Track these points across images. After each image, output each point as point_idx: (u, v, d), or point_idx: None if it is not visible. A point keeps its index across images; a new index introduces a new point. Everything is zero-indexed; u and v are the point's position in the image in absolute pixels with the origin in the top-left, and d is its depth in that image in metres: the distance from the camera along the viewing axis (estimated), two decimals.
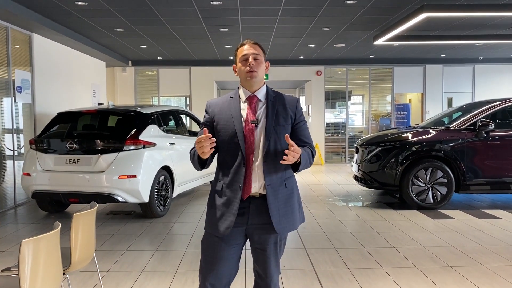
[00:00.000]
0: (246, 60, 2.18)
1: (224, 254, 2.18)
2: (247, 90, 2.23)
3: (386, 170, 6.63)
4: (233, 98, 2.25)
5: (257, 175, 2.14)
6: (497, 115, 6.73)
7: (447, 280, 3.68)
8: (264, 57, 2.25)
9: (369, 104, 13.99)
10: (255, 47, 2.20)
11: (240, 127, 2.14)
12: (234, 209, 2.14)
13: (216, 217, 2.19)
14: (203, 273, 2.21)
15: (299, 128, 2.25)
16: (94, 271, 3.92)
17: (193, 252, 4.56)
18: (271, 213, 2.14)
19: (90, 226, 2.87)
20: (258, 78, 2.19)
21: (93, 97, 10.52)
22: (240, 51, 2.21)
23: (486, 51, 11.90)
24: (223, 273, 2.19)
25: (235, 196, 2.14)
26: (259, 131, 2.15)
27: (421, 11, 6.45)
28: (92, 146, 5.72)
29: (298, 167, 2.13)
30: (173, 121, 7.32)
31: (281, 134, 2.16)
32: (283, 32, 8.93)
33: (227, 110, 2.20)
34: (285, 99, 2.26)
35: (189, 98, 13.79)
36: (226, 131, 2.17)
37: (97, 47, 9.95)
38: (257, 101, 2.22)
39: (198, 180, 7.50)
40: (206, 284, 2.19)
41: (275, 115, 2.18)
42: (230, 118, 2.17)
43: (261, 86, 2.24)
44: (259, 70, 2.19)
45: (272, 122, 2.16)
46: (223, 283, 2.21)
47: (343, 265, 4.11)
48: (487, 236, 5.04)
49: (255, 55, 2.18)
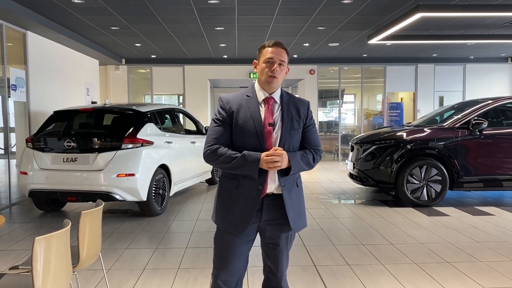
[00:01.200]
0: (271, 63, 2.18)
1: (238, 251, 2.21)
2: (264, 91, 2.25)
3: (382, 168, 6.70)
4: (251, 97, 2.24)
5: (274, 176, 2.18)
6: (490, 113, 6.84)
7: (446, 276, 3.76)
8: (288, 61, 2.27)
9: (361, 103, 14.10)
10: (282, 53, 2.20)
11: (260, 129, 2.15)
12: (254, 208, 2.16)
13: (233, 215, 2.20)
14: (216, 270, 2.24)
15: (308, 132, 2.29)
16: (96, 269, 3.93)
17: (193, 250, 4.58)
18: (288, 213, 2.19)
19: (97, 224, 2.89)
20: (278, 83, 2.22)
21: (86, 96, 10.47)
22: (266, 51, 2.21)
23: (477, 50, 12.07)
24: (235, 269, 2.23)
25: (256, 196, 2.16)
26: (275, 134, 2.18)
27: (416, 11, 6.54)
28: (90, 144, 5.71)
29: (289, 171, 2.16)
30: (170, 119, 7.33)
31: (294, 137, 2.22)
32: (279, 31, 8.98)
33: (246, 109, 2.20)
34: (298, 102, 2.29)
35: (183, 97, 13.78)
36: (246, 131, 2.16)
37: (91, 45, 9.91)
38: (274, 103, 2.24)
39: (194, 178, 7.52)
40: (218, 282, 2.22)
41: (290, 118, 2.21)
42: (250, 119, 2.17)
43: (278, 89, 2.27)
44: (280, 76, 2.21)
45: (288, 126, 2.19)
46: (235, 279, 2.24)
47: (343, 261, 4.17)
48: (481, 232, 5.14)
49: (281, 61, 2.19)
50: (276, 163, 2.06)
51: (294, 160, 2.14)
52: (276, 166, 2.07)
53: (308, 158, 2.23)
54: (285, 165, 2.11)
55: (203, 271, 3.94)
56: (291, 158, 2.12)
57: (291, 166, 2.13)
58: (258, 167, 2.09)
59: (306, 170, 2.24)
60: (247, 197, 2.17)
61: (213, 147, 2.18)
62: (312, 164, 2.25)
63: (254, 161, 2.08)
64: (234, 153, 2.13)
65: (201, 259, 4.28)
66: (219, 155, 2.15)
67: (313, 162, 2.25)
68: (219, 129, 2.21)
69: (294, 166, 2.14)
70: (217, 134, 2.20)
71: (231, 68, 13.57)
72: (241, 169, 2.12)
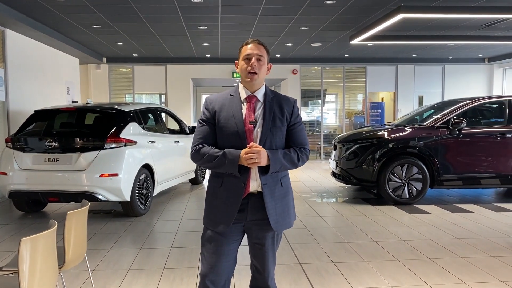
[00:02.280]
0: (249, 59, 2.20)
1: (225, 250, 2.22)
2: (247, 90, 2.26)
3: (364, 166, 6.80)
4: (234, 96, 2.26)
5: (255, 175, 2.19)
6: (468, 113, 7.01)
7: (428, 272, 3.84)
8: (268, 58, 2.28)
9: (343, 103, 14.25)
10: (259, 48, 2.22)
11: (241, 126, 2.17)
12: (236, 206, 2.18)
13: (217, 214, 2.22)
14: (204, 270, 2.25)
15: (294, 130, 2.28)
16: (81, 270, 3.89)
17: (178, 250, 4.57)
18: (268, 212, 2.20)
19: (83, 224, 2.86)
20: (259, 79, 2.22)
21: (67, 95, 10.31)
22: (244, 49, 2.23)
23: (456, 51, 12.33)
24: (223, 269, 2.24)
25: (238, 194, 2.18)
26: (256, 132, 2.19)
27: (397, 12, 6.65)
28: (72, 144, 5.63)
29: (268, 170, 2.15)
30: (153, 118, 7.28)
31: (277, 135, 2.22)
32: (262, 31, 9.00)
33: (229, 108, 2.22)
34: (282, 100, 2.29)
35: (165, 96, 13.69)
36: (228, 130, 2.18)
37: (71, 44, 9.76)
38: (256, 101, 2.25)
39: (178, 178, 7.49)
40: (206, 281, 2.23)
41: (272, 116, 2.21)
42: (232, 117, 2.19)
43: (261, 87, 2.28)
44: (260, 71, 2.21)
45: (269, 124, 2.19)
46: (223, 279, 2.25)
47: (327, 259, 4.22)
48: (461, 229, 5.27)
49: (259, 56, 2.20)
50: (254, 160, 2.07)
51: (274, 158, 2.14)
52: (254, 163, 2.08)
53: (291, 157, 2.21)
54: (264, 162, 2.11)
55: (188, 270, 3.94)
56: (271, 155, 2.12)
57: (270, 164, 2.13)
58: (238, 164, 2.11)
59: (290, 169, 2.24)
60: (230, 195, 2.19)
61: (197, 147, 2.21)
62: (297, 163, 2.24)
63: (234, 158, 2.10)
64: (216, 151, 2.16)
65: (186, 259, 4.28)
66: (202, 154, 2.18)
67: (297, 161, 2.23)
68: (203, 129, 2.23)
69: (274, 163, 2.14)
70: (201, 134, 2.23)
71: (214, 67, 13.54)
72: (222, 167, 2.14)
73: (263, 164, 2.12)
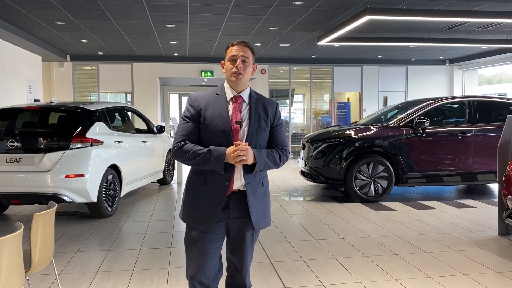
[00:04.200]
0: (234, 60, 2.21)
1: (210, 249, 2.23)
2: (233, 90, 2.27)
3: (331, 165, 6.91)
4: (220, 95, 2.27)
5: (239, 174, 2.21)
6: (431, 113, 7.25)
7: (395, 267, 3.96)
8: (253, 59, 2.29)
9: (310, 102, 14.44)
10: (245, 50, 2.23)
11: (228, 126, 2.18)
12: (220, 204, 2.19)
13: (201, 212, 2.22)
14: (191, 270, 2.25)
15: (275, 132, 2.33)
16: (47, 274, 3.77)
17: (148, 251, 4.51)
18: (251, 211, 2.23)
19: (50, 226, 2.78)
20: (244, 80, 2.24)
21: (29, 93, 9.97)
22: (230, 50, 2.24)
23: (419, 53, 12.72)
24: (210, 268, 2.24)
25: (223, 192, 2.19)
26: (242, 132, 2.21)
27: (364, 13, 6.81)
28: (36, 144, 5.45)
29: (254, 168, 2.19)
30: (120, 118, 7.15)
31: (261, 136, 2.25)
32: (231, 30, 9.00)
33: (215, 106, 2.22)
34: (266, 102, 2.33)
35: (131, 95, 13.46)
36: (213, 128, 2.18)
37: (33, 41, 9.45)
38: (242, 102, 2.27)
39: (146, 178, 7.37)
40: (194, 282, 2.24)
41: (257, 117, 2.24)
42: (218, 116, 2.19)
43: (246, 87, 2.30)
44: (245, 72, 2.23)
45: (255, 124, 2.23)
46: (211, 278, 2.26)
47: (297, 257, 4.27)
48: (425, 225, 5.45)
49: (244, 57, 2.22)
50: (242, 157, 2.08)
51: (260, 157, 2.18)
52: (242, 160, 2.10)
53: (274, 157, 2.26)
54: (251, 160, 2.14)
55: (158, 272, 3.90)
56: (256, 155, 2.16)
57: (256, 163, 2.16)
58: (223, 161, 2.11)
59: (273, 168, 2.28)
60: (214, 193, 2.19)
61: (180, 144, 2.20)
62: (279, 163, 2.29)
63: (220, 155, 2.11)
64: (200, 148, 2.15)
65: (157, 260, 4.23)
66: (186, 151, 2.17)
67: (279, 161, 2.29)
68: (187, 125, 2.22)
69: (259, 162, 2.17)
70: (184, 131, 2.22)
71: (182, 66, 13.42)
72: (207, 164, 2.14)
73: (249, 162, 2.14)
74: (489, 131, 7.00)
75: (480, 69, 15.24)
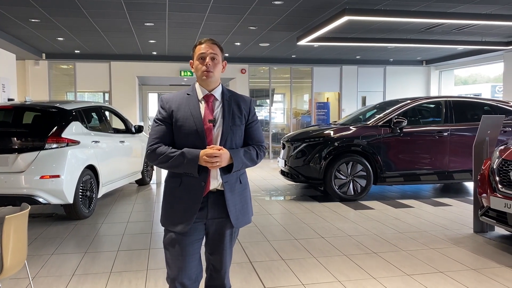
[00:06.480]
0: (203, 58, 2.18)
1: (190, 250, 2.20)
2: (204, 89, 2.24)
3: (311, 164, 6.94)
4: (191, 95, 2.24)
5: (216, 173, 2.18)
6: (409, 112, 7.35)
7: (374, 265, 3.99)
8: (222, 56, 2.27)
9: (290, 102, 14.49)
10: (213, 47, 2.20)
11: (200, 125, 2.15)
12: (197, 205, 2.16)
13: (177, 214, 2.19)
14: (172, 273, 2.21)
15: (251, 128, 2.30)
16: (20, 278, 3.67)
17: (125, 252, 4.44)
18: (229, 209, 2.20)
19: (23, 229, 2.70)
20: (214, 78, 2.21)
21: (2, 92, 9.71)
22: (198, 49, 2.21)
23: (396, 53, 12.90)
24: (191, 269, 2.21)
25: (199, 193, 2.15)
26: (216, 131, 2.18)
27: (343, 14, 6.86)
28: (9, 144, 5.30)
29: (231, 168, 2.17)
30: (97, 117, 7.02)
31: (237, 134, 2.22)
32: (210, 29, 8.95)
33: (186, 107, 2.19)
34: (239, 99, 2.30)
35: (109, 94, 13.25)
36: (186, 129, 2.15)
37: (7, 38, 9.20)
38: (214, 100, 2.24)
39: (124, 179, 7.26)
40: (176, 284, 2.20)
41: (231, 115, 2.21)
42: (190, 116, 2.16)
43: (217, 85, 2.27)
44: (215, 70, 2.20)
45: (229, 122, 2.20)
46: (193, 279, 2.23)
47: (277, 256, 4.27)
48: (403, 224, 5.52)
49: (213, 55, 2.19)
50: (216, 163, 2.06)
51: (237, 157, 2.15)
52: (215, 166, 2.08)
53: (251, 154, 2.24)
54: (226, 163, 2.11)
55: (137, 273, 3.84)
56: (233, 155, 2.13)
57: (234, 163, 2.14)
58: (197, 164, 2.08)
59: (250, 166, 2.26)
60: (190, 194, 2.16)
61: (153, 147, 2.16)
62: (256, 160, 2.28)
63: (193, 158, 2.07)
64: (173, 151, 2.12)
65: (134, 261, 4.16)
66: (159, 154, 2.13)
67: (256, 158, 2.28)
68: (159, 128, 2.19)
69: (236, 163, 2.15)
70: (157, 133, 2.18)
71: (161, 65, 13.29)
72: (181, 167, 2.10)
73: (224, 165, 2.11)
74: (464, 131, 7.14)
75: (456, 70, 15.56)
